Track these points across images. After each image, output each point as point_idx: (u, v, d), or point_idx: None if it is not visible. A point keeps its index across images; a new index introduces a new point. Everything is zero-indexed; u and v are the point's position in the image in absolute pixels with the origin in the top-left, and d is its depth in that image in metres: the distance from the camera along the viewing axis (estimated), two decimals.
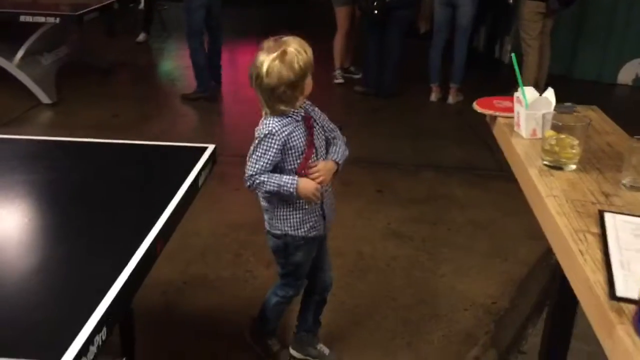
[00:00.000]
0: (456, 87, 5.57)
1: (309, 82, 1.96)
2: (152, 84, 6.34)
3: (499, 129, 1.70)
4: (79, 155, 2.29)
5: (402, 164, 4.36)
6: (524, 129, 1.58)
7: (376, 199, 3.83)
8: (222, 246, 3.24)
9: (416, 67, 5.93)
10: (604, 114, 1.78)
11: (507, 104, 1.73)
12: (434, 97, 5.68)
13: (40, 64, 5.36)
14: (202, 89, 5.50)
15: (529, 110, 1.56)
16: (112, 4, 5.62)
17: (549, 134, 1.42)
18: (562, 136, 1.40)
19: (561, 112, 1.54)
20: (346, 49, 6.01)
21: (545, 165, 1.42)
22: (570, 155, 1.40)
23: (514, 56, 1.72)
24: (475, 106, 1.78)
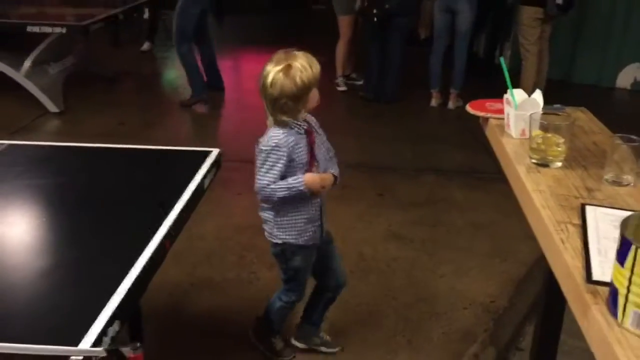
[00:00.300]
0: (456, 92, 5.65)
1: (313, 96, 2.05)
2: (157, 92, 6.44)
3: (490, 129, 1.78)
4: (88, 160, 2.38)
5: (402, 167, 4.44)
6: (514, 129, 1.66)
7: (377, 202, 3.90)
8: (227, 249, 3.32)
9: (417, 73, 6.01)
10: (592, 115, 1.85)
11: (498, 106, 1.80)
12: (434, 102, 5.76)
13: (47, 73, 5.47)
14: (198, 93, 5.56)
15: (518, 111, 1.63)
16: (118, 15, 5.74)
17: (536, 133, 1.49)
18: (548, 135, 1.47)
19: (550, 112, 1.61)
20: (348, 56, 6.11)
21: (533, 162, 1.50)
22: (556, 153, 1.47)
23: (502, 59, 1.80)
24: (468, 108, 1.86)
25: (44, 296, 1.45)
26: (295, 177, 2.09)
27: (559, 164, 1.48)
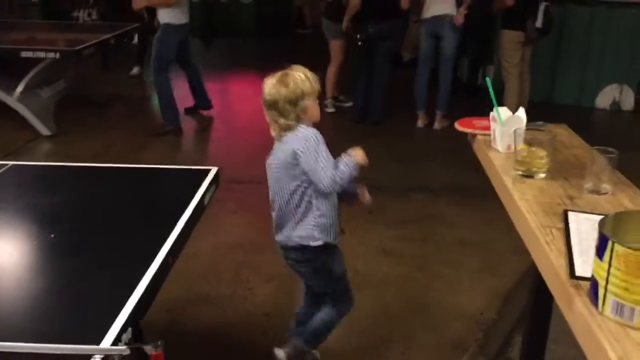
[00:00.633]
0: (442, 113, 5.80)
1: (311, 105, 2.17)
2: (147, 115, 6.50)
3: (478, 145, 1.89)
4: (89, 179, 2.46)
5: (392, 186, 4.54)
6: (500, 144, 1.77)
7: (368, 220, 3.99)
8: (222, 266, 3.39)
9: (402, 95, 6.17)
10: (572, 131, 1.98)
11: (485, 123, 1.92)
12: (421, 123, 5.91)
13: (39, 97, 5.55)
14: (169, 124, 5.58)
15: (504, 127, 1.75)
16: (109, 40, 5.84)
17: (520, 147, 1.61)
18: (532, 149, 1.59)
19: (533, 128, 1.73)
20: (338, 79, 6.26)
21: (518, 174, 1.61)
22: (539, 165, 1.59)
23: (487, 79, 1.92)
24: (456, 126, 1.98)
25: (66, 301, 1.54)
26: (341, 158, 2.17)
27: (543, 175, 1.59)
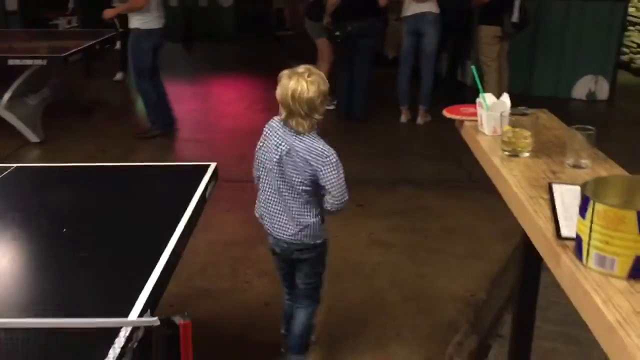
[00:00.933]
0: (424, 109, 5.95)
1: None
2: (133, 119, 6.56)
3: (466, 130, 2.01)
4: (94, 177, 2.55)
5: (379, 180, 4.67)
6: (486, 128, 1.90)
7: (358, 213, 4.12)
8: (220, 262, 3.49)
9: (386, 91, 6.30)
10: (552, 114, 2.11)
11: (471, 110, 2.04)
12: (404, 118, 6.05)
13: (26, 105, 5.58)
14: (157, 127, 5.65)
15: (490, 112, 1.88)
16: (94, 45, 5.89)
17: (506, 128, 1.73)
18: (516, 130, 1.72)
19: (517, 113, 1.85)
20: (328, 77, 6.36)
21: (505, 154, 1.74)
22: (524, 144, 1.71)
23: (473, 68, 2.05)
24: (444, 113, 2.09)
25: (91, 282, 1.66)
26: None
27: (527, 154, 1.72)
